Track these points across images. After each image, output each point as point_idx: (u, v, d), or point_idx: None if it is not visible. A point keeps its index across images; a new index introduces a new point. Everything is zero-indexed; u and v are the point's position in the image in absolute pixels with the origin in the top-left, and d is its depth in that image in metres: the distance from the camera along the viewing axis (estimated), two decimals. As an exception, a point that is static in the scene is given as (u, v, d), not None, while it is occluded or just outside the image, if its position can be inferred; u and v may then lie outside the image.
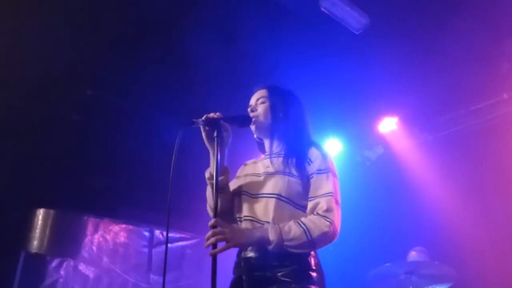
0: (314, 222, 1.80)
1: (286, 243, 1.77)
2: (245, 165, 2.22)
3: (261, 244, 1.81)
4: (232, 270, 1.96)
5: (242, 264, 1.89)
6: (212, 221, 1.78)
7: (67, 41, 3.54)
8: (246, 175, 2.10)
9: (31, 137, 4.11)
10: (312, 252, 1.87)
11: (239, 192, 2.03)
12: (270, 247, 1.78)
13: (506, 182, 4.12)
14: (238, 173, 2.18)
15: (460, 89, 4.31)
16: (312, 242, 1.79)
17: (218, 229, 1.77)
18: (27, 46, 3.53)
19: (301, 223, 1.80)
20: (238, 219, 2.01)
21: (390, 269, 3.61)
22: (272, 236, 1.77)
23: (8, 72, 3.61)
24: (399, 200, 4.68)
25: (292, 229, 1.79)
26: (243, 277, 1.87)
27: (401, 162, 4.90)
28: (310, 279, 1.80)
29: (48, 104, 4.11)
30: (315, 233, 1.78)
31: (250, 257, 1.86)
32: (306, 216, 1.86)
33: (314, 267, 1.84)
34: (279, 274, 1.79)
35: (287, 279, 1.77)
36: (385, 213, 4.72)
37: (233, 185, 2.09)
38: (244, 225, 1.95)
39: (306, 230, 1.78)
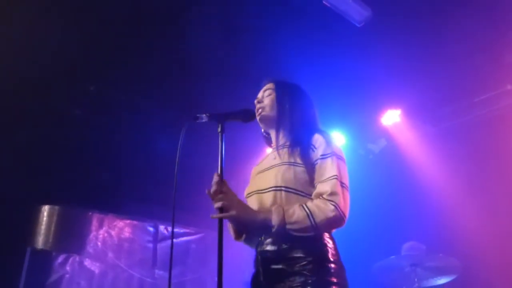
0: (318, 206, 1.78)
1: (288, 226, 1.77)
2: (256, 165, 2.22)
3: (263, 226, 1.81)
4: (252, 264, 1.95)
5: (259, 257, 1.88)
6: (216, 178, 1.82)
7: (70, 36, 3.55)
8: (257, 174, 2.11)
9: (35, 133, 4.11)
10: (330, 244, 1.85)
11: (251, 192, 2.04)
12: (273, 230, 1.78)
13: (509, 173, 4.12)
14: (251, 176, 2.19)
15: (463, 80, 4.29)
16: (316, 227, 1.77)
17: (227, 195, 1.80)
18: (30, 42, 3.53)
19: (305, 206, 1.79)
20: None
21: (395, 262, 3.62)
22: (275, 218, 1.78)
23: (11, 68, 3.61)
24: (403, 193, 4.68)
25: (296, 212, 1.78)
26: (260, 270, 1.86)
27: (405, 155, 4.89)
28: (328, 271, 1.77)
29: (52, 99, 4.12)
30: (319, 217, 1.77)
31: (267, 251, 1.86)
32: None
33: (331, 259, 1.81)
34: (296, 266, 1.77)
35: (304, 272, 1.75)
36: (389, 206, 4.72)
37: (247, 190, 2.10)
38: None
39: (310, 214, 1.77)
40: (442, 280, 3.65)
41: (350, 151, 5.22)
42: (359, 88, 4.33)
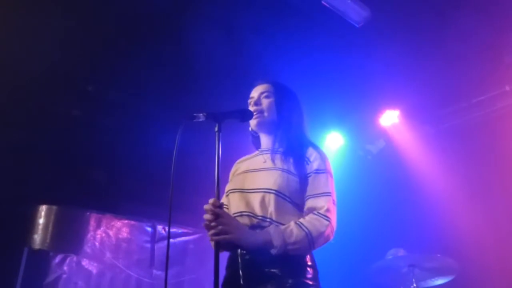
0: (314, 225, 1.81)
1: (289, 247, 1.79)
2: (238, 163, 2.21)
3: (264, 247, 1.80)
4: (226, 264, 1.94)
5: (239, 260, 1.87)
6: (212, 200, 1.78)
7: (68, 36, 3.54)
8: (242, 172, 2.09)
9: (32, 133, 4.11)
10: None
11: (235, 189, 2.02)
12: (274, 252, 1.79)
13: (508, 174, 4.12)
14: (231, 173, 2.17)
15: (462, 81, 4.29)
16: (313, 245, 1.81)
17: (223, 219, 1.78)
18: (27, 42, 3.52)
19: (303, 226, 1.81)
20: (234, 215, 1.96)
21: (392, 262, 3.61)
22: (276, 241, 1.78)
23: (9, 69, 3.60)
24: (401, 194, 4.68)
25: (294, 232, 1.79)
26: (240, 272, 1.85)
27: (403, 156, 4.89)
28: (306, 274, 1.82)
29: (49, 100, 4.11)
30: (315, 235, 1.80)
31: (247, 253, 1.85)
32: (303, 215, 1.87)
33: (309, 263, 1.86)
34: (275, 269, 1.79)
35: (283, 274, 1.78)
36: (387, 206, 4.72)
37: (229, 187, 2.09)
38: (242, 220, 1.92)
39: (308, 233, 1.79)
40: (440, 281, 3.64)
41: (348, 152, 5.22)
42: (358, 88, 4.33)
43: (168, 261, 1.91)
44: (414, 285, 3.50)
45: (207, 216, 1.80)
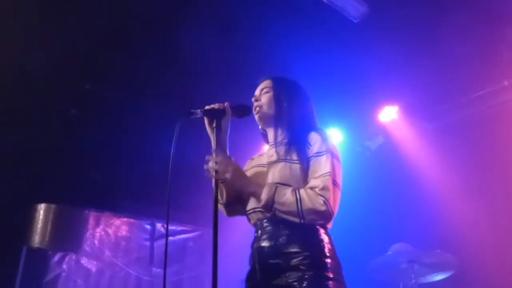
0: (309, 196, 1.81)
1: (276, 205, 1.82)
2: (252, 159, 2.23)
3: (253, 196, 1.90)
4: (248, 261, 1.96)
5: (255, 254, 1.90)
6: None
7: (66, 35, 3.53)
8: (252, 167, 2.12)
9: (31, 132, 4.10)
10: (326, 239, 1.87)
11: None
12: (260, 204, 1.85)
13: (507, 169, 4.12)
14: (245, 168, 2.18)
15: (461, 77, 4.28)
16: (301, 215, 1.80)
17: (224, 158, 1.87)
18: (25, 41, 3.51)
19: (297, 192, 1.82)
20: (247, 212, 2.01)
21: (392, 258, 3.61)
22: (265, 193, 1.83)
23: (7, 68, 3.59)
24: (400, 189, 4.68)
25: (287, 195, 1.82)
26: (256, 266, 1.87)
27: (402, 152, 4.89)
28: (324, 266, 1.79)
29: (47, 98, 4.10)
30: (306, 206, 1.79)
31: (263, 246, 1.87)
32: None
33: (328, 254, 1.82)
34: (292, 261, 1.78)
35: (300, 267, 1.76)
36: (386, 202, 4.72)
37: None
38: (256, 216, 1.96)
39: (299, 201, 1.80)
40: (439, 276, 3.65)
41: (347, 148, 5.21)
42: (356, 84, 4.32)
43: (166, 258, 1.92)
44: (414, 280, 3.50)
45: (210, 158, 1.87)
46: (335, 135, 5.14)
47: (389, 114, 4.88)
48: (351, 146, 5.28)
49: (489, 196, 4.18)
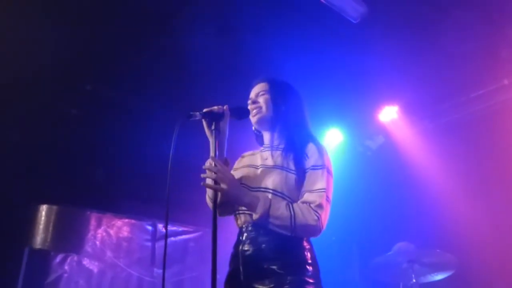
0: (303, 212, 1.83)
1: (271, 219, 1.83)
2: (242, 157, 2.23)
3: (248, 208, 1.89)
4: (229, 262, 1.98)
5: (239, 256, 1.91)
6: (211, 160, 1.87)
7: (66, 35, 3.53)
8: (244, 166, 2.12)
9: (32, 133, 4.11)
10: (308, 246, 1.91)
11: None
12: (254, 217, 1.85)
13: (507, 168, 4.12)
14: (235, 165, 2.19)
15: (460, 76, 4.29)
16: (294, 229, 1.83)
17: (222, 168, 1.85)
18: (26, 41, 3.52)
19: (291, 207, 1.84)
20: (237, 212, 2.02)
21: (392, 258, 3.61)
22: (260, 206, 1.83)
23: (7, 68, 3.60)
24: (401, 189, 4.68)
25: (281, 209, 1.83)
26: (240, 268, 1.89)
27: (402, 151, 4.89)
28: (305, 272, 1.84)
29: (48, 99, 4.11)
30: (300, 222, 1.82)
31: (247, 250, 1.90)
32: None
33: (309, 261, 1.87)
34: (275, 266, 1.82)
35: (282, 271, 1.81)
36: (387, 202, 4.72)
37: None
38: (243, 218, 1.97)
39: (293, 216, 1.82)
40: (439, 276, 3.64)
41: (347, 148, 5.22)
42: (356, 85, 4.32)
43: (165, 258, 1.93)
44: (414, 280, 3.50)
45: (207, 166, 1.86)
46: (336, 135, 5.16)
47: (389, 114, 4.89)
48: (351, 146, 5.29)
49: (489, 195, 4.17)
